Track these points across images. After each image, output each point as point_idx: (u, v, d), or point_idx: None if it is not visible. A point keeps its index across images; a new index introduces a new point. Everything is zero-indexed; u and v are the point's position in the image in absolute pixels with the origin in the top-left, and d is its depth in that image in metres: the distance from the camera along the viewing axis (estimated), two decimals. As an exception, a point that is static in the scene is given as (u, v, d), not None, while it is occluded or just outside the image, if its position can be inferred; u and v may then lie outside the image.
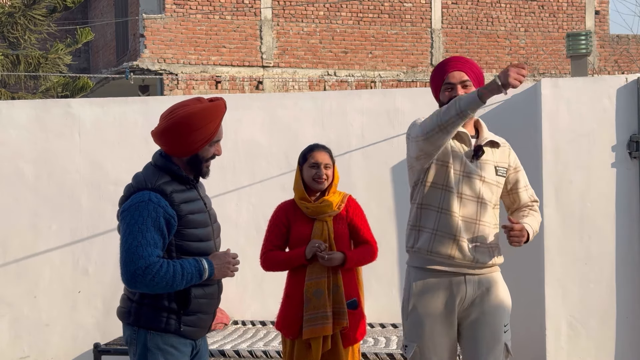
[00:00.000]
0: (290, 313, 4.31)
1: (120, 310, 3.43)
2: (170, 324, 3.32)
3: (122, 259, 3.22)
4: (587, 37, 7.80)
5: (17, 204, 6.58)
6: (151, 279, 3.18)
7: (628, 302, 5.67)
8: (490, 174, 3.88)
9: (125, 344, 3.44)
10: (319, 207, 4.32)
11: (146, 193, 3.27)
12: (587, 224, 5.72)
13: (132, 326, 3.35)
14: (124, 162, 6.51)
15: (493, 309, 3.85)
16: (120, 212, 3.32)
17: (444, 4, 19.17)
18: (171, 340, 3.33)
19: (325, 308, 4.20)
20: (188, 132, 3.31)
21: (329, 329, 4.21)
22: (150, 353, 3.31)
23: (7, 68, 14.71)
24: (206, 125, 3.33)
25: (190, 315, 3.35)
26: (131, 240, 3.19)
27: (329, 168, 4.38)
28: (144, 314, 3.32)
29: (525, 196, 4.04)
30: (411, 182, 3.94)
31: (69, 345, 6.53)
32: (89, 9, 22.49)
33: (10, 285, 6.56)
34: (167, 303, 3.31)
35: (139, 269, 3.17)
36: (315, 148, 4.44)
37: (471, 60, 4.01)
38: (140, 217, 3.22)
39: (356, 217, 4.42)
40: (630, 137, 5.66)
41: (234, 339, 5.77)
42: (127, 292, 3.41)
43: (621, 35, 20.50)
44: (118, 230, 3.34)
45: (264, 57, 18.00)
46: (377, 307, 6.16)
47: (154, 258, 3.19)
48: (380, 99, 6.35)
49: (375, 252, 4.47)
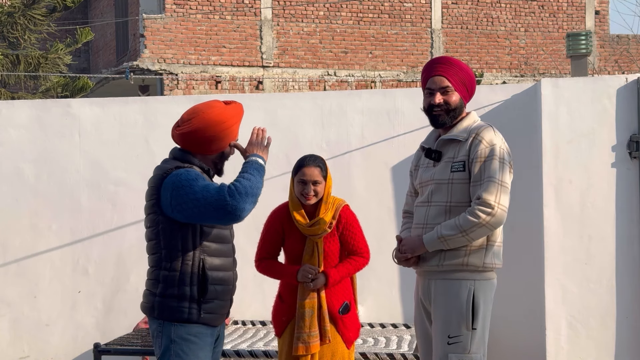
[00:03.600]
0: (279, 315, 4.43)
1: (144, 306, 3.59)
2: (192, 313, 3.48)
3: (208, 209, 3.36)
4: (587, 37, 7.79)
5: (17, 204, 6.58)
6: (240, 195, 3.37)
7: (628, 302, 5.67)
8: (443, 174, 3.84)
9: (152, 337, 3.59)
10: (312, 230, 4.32)
11: (179, 170, 3.46)
12: (587, 224, 5.71)
13: (157, 319, 3.51)
14: (124, 162, 6.51)
15: (438, 315, 3.82)
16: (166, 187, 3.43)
17: (444, 4, 19.17)
18: (194, 330, 3.49)
19: (316, 328, 4.30)
20: (222, 130, 3.53)
21: (317, 347, 4.31)
22: (175, 344, 3.47)
23: (7, 68, 14.71)
24: (235, 125, 3.58)
25: (209, 302, 3.52)
26: (200, 194, 3.36)
27: (318, 184, 4.30)
28: (167, 307, 3.47)
29: (473, 192, 3.76)
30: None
31: (69, 345, 6.53)
32: (89, 9, 22.49)
33: (10, 285, 6.56)
34: (189, 292, 3.47)
35: (224, 200, 3.35)
36: (305, 164, 4.32)
37: (458, 63, 3.93)
38: (190, 177, 3.40)
39: (346, 230, 4.39)
40: (630, 137, 5.66)
41: (234, 339, 5.77)
42: (150, 287, 3.54)
43: (621, 35, 20.50)
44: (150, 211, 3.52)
45: (264, 57, 17.99)
46: (377, 307, 6.16)
47: (225, 185, 3.39)
48: (380, 99, 6.35)
49: (366, 260, 4.47)
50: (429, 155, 3.90)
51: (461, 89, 3.88)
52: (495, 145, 3.76)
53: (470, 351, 3.71)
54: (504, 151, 3.78)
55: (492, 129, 3.84)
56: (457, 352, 3.70)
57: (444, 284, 3.80)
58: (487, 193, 3.69)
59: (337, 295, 4.39)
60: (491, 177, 3.71)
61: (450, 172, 3.79)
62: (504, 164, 3.75)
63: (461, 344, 3.71)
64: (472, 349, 3.72)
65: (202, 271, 3.51)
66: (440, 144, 3.90)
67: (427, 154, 3.93)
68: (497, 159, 3.74)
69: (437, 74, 3.88)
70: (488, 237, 3.79)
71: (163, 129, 6.51)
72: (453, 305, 3.75)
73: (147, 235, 3.61)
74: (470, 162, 3.77)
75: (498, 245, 3.87)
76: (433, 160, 3.89)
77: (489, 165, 3.72)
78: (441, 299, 3.79)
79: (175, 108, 6.56)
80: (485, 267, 3.80)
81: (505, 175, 3.75)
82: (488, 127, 3.85)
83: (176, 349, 3.46)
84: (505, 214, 3.72)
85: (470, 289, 3.76)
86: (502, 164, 3.74)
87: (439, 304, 3.79)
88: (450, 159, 3.82)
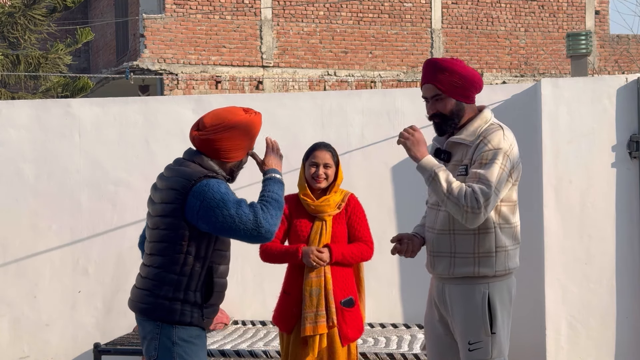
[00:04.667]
0: (287, 309, 4.40)
1: (141, 307, 3.53)
2: (194, 317, 3.48)
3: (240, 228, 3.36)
4: (587, 37, 7.79)
5: (17, 204, 6.58)
6: (271, 217, 3.39)
7: (628, 302, 5.67)
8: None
9: (143, 338, 3.55)
10: (320, 206, 4.42)
11: (210, 180, 3.45)
12: (587, 224, 5.72)
13: (155, 321, 3.47)
14: (124, 162, 6.51)
15: (457, 321, 3.70)
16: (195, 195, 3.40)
17: (444, 4, 19.17)
18: (195, 332, 3.51)
19: (322, 307, 4.30)
20: (246, 140, 3.57)
21: (325, 327, 4.30)
22: (176, 346, 3.47)
23: (7, 68, 14.71)
24: (256, 135, 3.62)
25: (209, 307, 3.53)
26: (234, 210, 3.35)
27: (329, 167, 4.45)
28: (170, 309, 3.46)
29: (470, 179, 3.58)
30: None
31: (69, 345, 6.53)
32: (89, 9, 22.49)
33: (10, 285, 6.57)
34: (193, 297, 3.48)
35: (260, 222, 3.36)
36: (317, 147, 4.53)
37: (449, 65, 3.70)
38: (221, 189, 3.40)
39: (354, 215, 4.49)
40: (630, 137, 5.66)
41: (234, 339, 5.77)
42: (150, 288, 3.50)
43: (621, 35, 20.50)
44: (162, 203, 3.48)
45: (264, 57, 17.99)
46: (377, 307, 6.17)
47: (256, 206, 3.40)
48: (380, 99, 6.35)
49: (370, 250, 4.51)
50: (438, 155, 3.78)
51: (456, 93, 3.68)
52: (501, 149, 3.57)
53: (492, 356, 3.63)
54: (507, 157, 3.58)
55: (502, 132, 3.64)
56: (478, 358, 3.62)
57: (457, 289, 3.69)
58: (481, 193, 3.49)
59: (341, 285, 4.39)
60: (487, 180, 3.51)
61: (456, 175, 3.64)
62: (503, 170, 3.55)
63: (482, 349, 3.62)
64: (494, 353, 3.63)
65: (210, 278, 3.52)
66: (449, 145, 3.76)
67: (436, 154, 3.79)
68: (499, 163, 3.54)
69: (425, 82, 3.74)
70: (496, 244, 3.64)
71: (163, 129, 6.51)
72: (469, 310, 3.65)
73: (156, 237, 3.54)
74: (470, 165, 3.62)
75: (511, 249, 3.70)
76: (442, 160, 3.75)
77: (490, 166, 3.53)
78: (457, 304, 3.69)
79: (175, 108, 6.56)
80: (497, 274, 3.66)
81: (501, 181, 3.55)
82: (499, 131, 3.64)
83: (179, 351, 3.46)
84: (482, 218, 3.53)
85: (485, 292, 3.64)
86: (502, 169, 3.55)
87: (455, 310, 3.69)
88: (458, 162, 3.68)
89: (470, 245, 3.65)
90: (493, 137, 3.61)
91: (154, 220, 3.56)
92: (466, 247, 3.65)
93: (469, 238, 3.64)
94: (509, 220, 3.68)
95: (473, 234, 3.63)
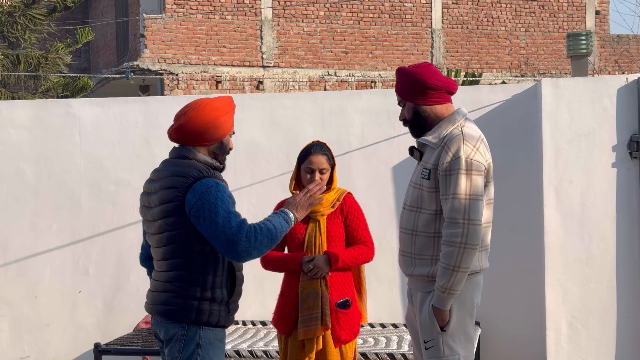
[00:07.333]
0: (285, 311, 4.39)
1: (166, 309, 3.47)
2: (222, 315, 3.48)
3: (221, 238, 3.32)
4: (588, 37, 7.80)
5: (17, 204, 6.58)
6: (254, 241, 3.33)
7: (628, 302, 5.67)
8: (417, 177, 3.75)
9: (167, 341, 3.47)
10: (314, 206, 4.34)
11: (211, 180, 3.42)
12: (587, 224, 5.71)
13: (181, 323, 3.43)
14: (124, 162, 6.51)
15: (418, 322, 3.75)
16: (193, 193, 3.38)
17: (444, 4, 19.17)
18: (220, 334, 3.51)
19: (319, 309, 4.28)
20: (217, 117, 3.51)
21: (319, 330, 4.29)
22: (201, 348, 3.44)
23: (7, 68, 14.71)
24: (229, 112, 3.57)
25: (233, 303, 3.54)
26: (222, 219, 3.32)
27: (324, 173, 4.36)
28: (202, 310, 3.43)
29: (444, 208, 3.59)
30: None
31: (69, 345, 6.53)
32: (89, 8, 22.50)
33: (10, 285, 6.57)
34: (221, 295, 3.46)
35: (240, 238, 3.31)
36: (313, 151, 4.37)
37: (402, 70, 3.75)
38: (218, 195, 3.37)
39: (351, 215, 4.42)
40: (631, 137, 5.66)
41: (234, 339, 5.77)
42: (179, 290, 3.44)
43: (621, 35, 20.51)
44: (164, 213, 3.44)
45: (265, 57, 18.00)
46: (377, 307, 6.16)
47: (247, 225, 3.35)
48: (380, 99, 6.35)
49: (371, 252, 4.46)
50: (411, 152, 3.83)
51: (413, 97, 3.71)
52: (460, 157, 3.54)
53: (444, 354, 3.63)
54: (471, 161, 3.54)
55: (461, 138, 3.59)
56: (433, 357, 3.65)
57: (417, 288, 3.76)
58: (453, 211, 3.51)
59: (338, 287, 4.37)
60: (455, 194, 3.51)
61: (420, 179, 3.71)
62: (470, 175, 3.53)
63: (434, 348, 3.65)
64: (446, 351, 3.63)
65: (231, 272, 3.50)
66: (419, 145, 3.80)
67: (410, 151, 3.85)
68: (462, 171, 3.52)
69: (396, 92, 3.83)
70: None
71: (163, 129, 6.51)
72: (423, 310, 3.69)
73: (164, 240, 3.47)
74: (434, 170, 3.62)
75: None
76: (413, 157, 3.83)
77: (454, 179, 3.53)
78: (417, 304, 3.76)
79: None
80: None
81: (473, 186, 3.52)
82: (458, 136, 3.60)
83: (202, 353, 3.43)
84: (477, 227, 3.51)
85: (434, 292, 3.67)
86: (468, 175, 3.53)
87: (417, 309, 3.76)
88: (424, 163, 3.71)
89: (429, 247, 3.68)
90: (452, 144, 3.60)
91: (155, 224, 3.50)
92: (425, 248, 3.69)
93: (429, 240, 3.68)
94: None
95: (432, 236, 3.67)
